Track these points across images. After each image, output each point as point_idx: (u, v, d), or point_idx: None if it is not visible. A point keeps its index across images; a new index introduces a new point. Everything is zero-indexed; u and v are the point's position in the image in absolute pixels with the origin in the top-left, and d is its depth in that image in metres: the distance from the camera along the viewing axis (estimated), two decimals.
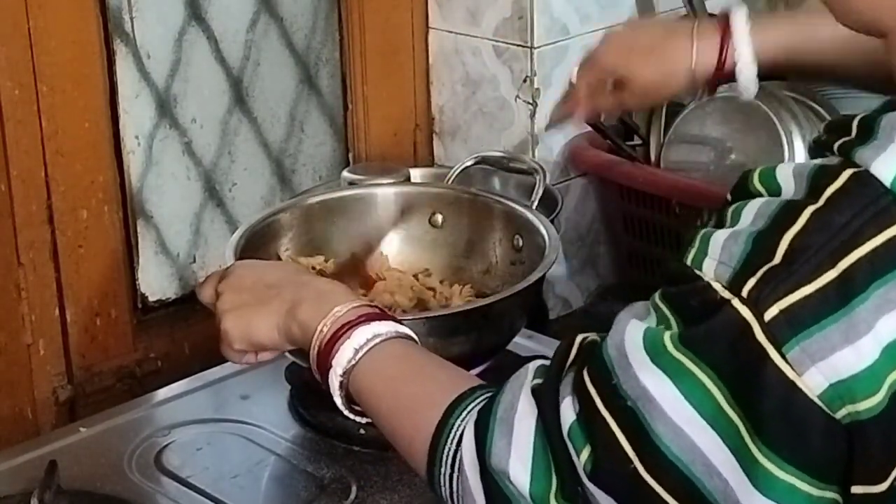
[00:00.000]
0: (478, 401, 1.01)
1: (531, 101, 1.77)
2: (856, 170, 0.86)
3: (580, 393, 0.93)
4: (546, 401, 0.95)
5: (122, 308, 1.60)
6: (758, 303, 0.85)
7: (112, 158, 1.57)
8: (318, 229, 1.59)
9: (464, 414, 1.00)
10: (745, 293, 0.86)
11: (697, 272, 0.89)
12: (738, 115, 1.67)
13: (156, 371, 1.63)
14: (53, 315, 1.54)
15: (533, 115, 1.77)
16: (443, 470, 1.00)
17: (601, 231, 1.88)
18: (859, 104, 1.73)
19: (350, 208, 1.60)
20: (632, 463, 0.90)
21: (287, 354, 1.44)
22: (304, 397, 1.49)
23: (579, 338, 0.99)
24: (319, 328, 1.10)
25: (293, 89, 1.77)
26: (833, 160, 0.89)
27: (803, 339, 0.84)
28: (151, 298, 1.67)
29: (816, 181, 0.87)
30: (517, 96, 1.78)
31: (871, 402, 0.84)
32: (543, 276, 1.40)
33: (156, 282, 1.67)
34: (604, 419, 0.91)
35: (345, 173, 1.69)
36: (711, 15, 1.47)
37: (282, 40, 1.74)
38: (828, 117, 1.69)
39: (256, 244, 1.51)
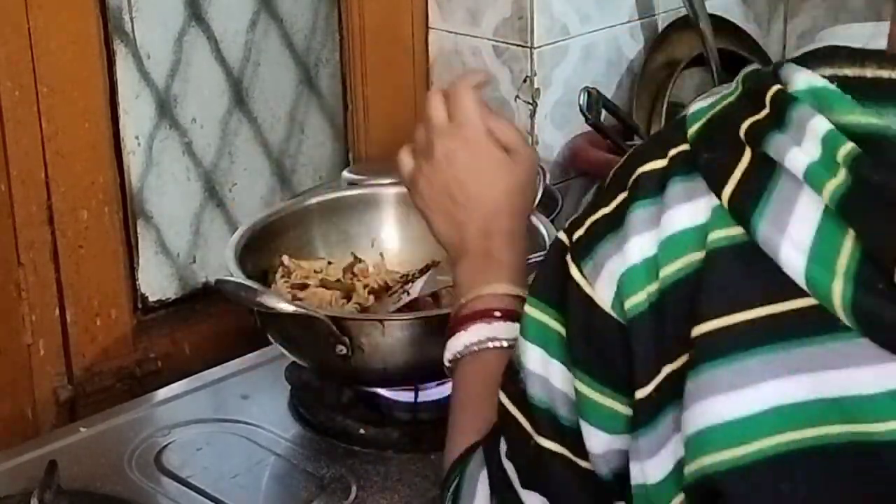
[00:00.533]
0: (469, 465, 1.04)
1: (531, 101, 1.77)
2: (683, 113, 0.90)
3: (499, 403, 0.97)
4: (489, 451, 0.99)
5: (122, 308, 1.60)
6: (569, 228, 0.91)
7: (112, 159, 1.57)
8: (319, 229, 1.60)
9: (453, 476, 1.05)
10: (566, 225, 0.91)
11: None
12: None
13: (156, 371, 1.63)
14: (53, 315, 1.54)
15: (533, 115, 1.77)
16: None
17: None
18: None
19: (350, 208, 1.61)
20: (532, 437, 0.92)
21: (287, 354, 1.45)
22: (304, 397, 1.49)
23: None
24: (463, 298, 1.17)
25: (293, 90, 1.77)
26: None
27: (595, 253, 0.87)
28: (151, 298, 1.67)
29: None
30: (517, 96, 1.78)
31: (636, 300, 0.85)
32: None
33: (156, 282, 1.67)
34: (511, 414, 0.94)
35: (345, 173, 1.69)
36: None
37: (282, 40, 1.74)
38: None
39: (256, 244, 1.51)
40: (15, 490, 1.31)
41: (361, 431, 1.43)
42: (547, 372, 0.91)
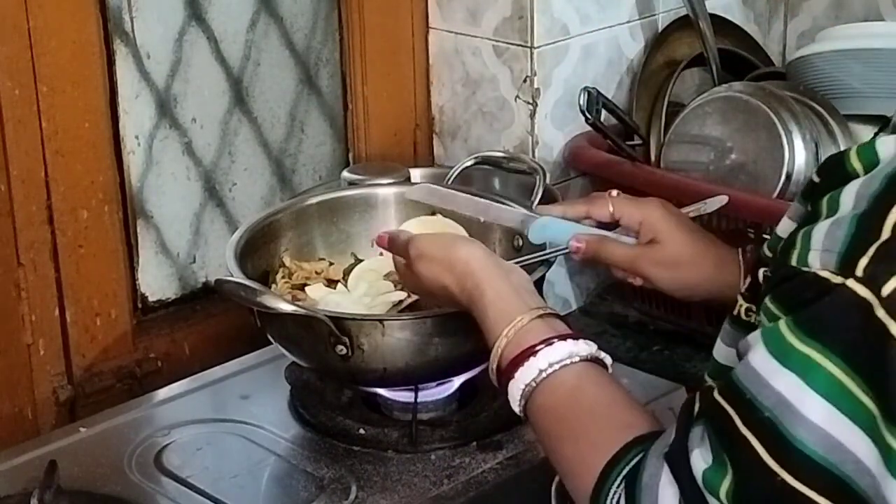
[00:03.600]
0: (630, 465, 1.01)
1: (531, 101, 1.77)
2: None
3: (716, 418, 0.93)
4: (677, 461, 0.95)
5: (122, 308, 1.60)
6: (873, 280, 0.83)
7: (112, 158, 1.57)
8: (319, 229, 1.60)
9: (616, 482, 1.00)
10: (859, 272, 0.84)
11: (804, 268, 0.88)
12: (738, 115, 1.67)
13: (156, 371, 1.63)
14: (53, 315, 1.54)
15: (533, 115, 1.77)
16: None
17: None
18: (860, 104, 1.74)
19: (350, 208, 1.61)
20: (778, 476, 0.88)
21: (287, 354, 1.45)
22: (304, 397, 1.49)
23: (701, 390, 0.99)
24: (501, 337, 1.14)
25: (293, 89, 1.77)
26: None
27: None
28: (151, 298, 1.67)
29: None
30: (517, 96, 1.78)
31: None
32: (544, 276, 1.40)
33: (156, 282, 1.67)
34: (744, 438, 0.90)
35: (345, 173, 1.69)
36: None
37: (282, 40, 1.74)
38: (827, 117, 1.69)
39: (256, 244, 1.51)
40: (15, 490, 1.31)
41: (361, 431, 1.43)
42: (835, 429, 0.86)
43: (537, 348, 1.10)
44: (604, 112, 1.69)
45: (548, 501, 1.28)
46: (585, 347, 1.11)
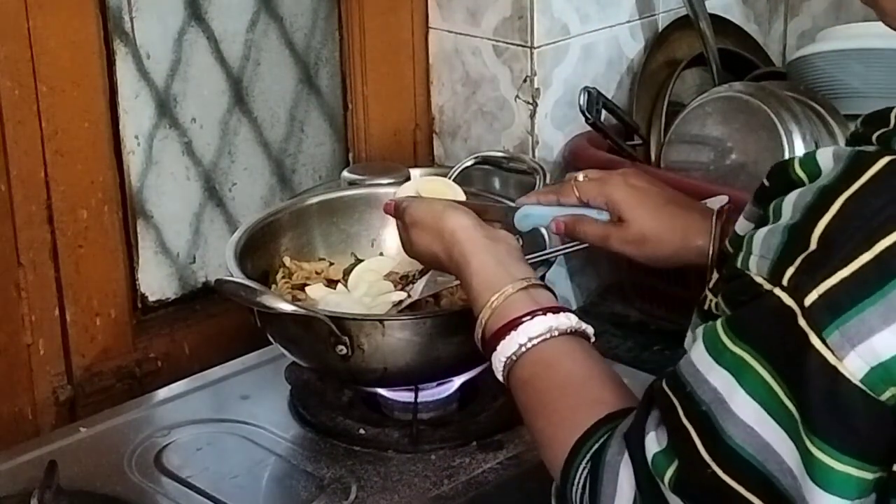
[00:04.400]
0: (599, 443, 1.02)
1: (531, 101, 1.77)
2: (893, 157, 0.87)
3: (664, 408, 0.95)
4: (633, 442, 0.97)
5: (122, 308, 1.60)
6: (797, 289, 0.86)
7: (112, 158, 1.57)
8: (319, 229, 1.60)
9: (584, 459, 1.02)
10: (785, 281, 0.87)
11: (746, 271, 0.90)
12: (738, 115, 1.67)
13: (156, 371, 1.63)
14: (53, 315, 1.54)
15: (533, 115, 1.77)
16: None
17: None
18: (860, 104, 1.74)
19: (350, 208, 1.61)
20: (709, 467, 0.91)
21: (287, 354, 1.45)
22: (304, 397, 1.49)
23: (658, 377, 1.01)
24: (485, 308, 1.16)
25: (293, 89, 1.77)
26: (870, 149, 0.90)
27: (842, 322, 0.84)
28: (151, 298, 1.67)
29: (853, 165, 0.88)
30: (517, 96, 1.78)
31: None
32: (544, 275, 1.40)
33: (156, 282, 1.67)
34: (686, 429, 0.93)
35: (345, 173, 1.69)
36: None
37: (282, 40, 1.74)
38: (827, 117, 1.69)
39: (256, 244, 1.51)
40: (15, 490, 1.31)
41: (361, 431, 1.43)
42: (763, 429, 0.89)
43: (518, 322, 1.12)
44: (604, 112, 1.69)
45: (548, 501, 1.28)
46: (566, 321, 1.13)
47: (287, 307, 1.34)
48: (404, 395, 1.45)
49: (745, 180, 1.65)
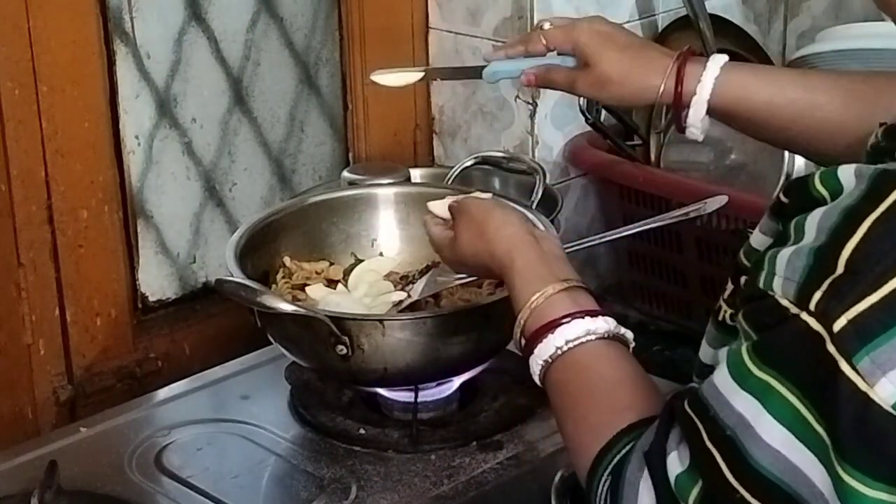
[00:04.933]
0: (619, 456, 1.01)
1: (531, 101, 1.77)
2: None
3: (687, 428, 0.94)
4: (654, 462, 0.96)
5: (122, 308, 1.60)
6: (825, 314, 0.85)
7: (112, 158, 1.57)
8: (318, 229, 1.59)
9: (606, 471, 1.01)
10: (812, 306, 0.85)
11: (769, 292, 0.89)
12: None
13: (156, 371, 1.63)
14: (53, 315, 1.54)
15: (533, 115, 1.77)
16: None
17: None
18: None
19: (350, 208, 1.60)
20: (738, 492, 0.90)
21: (287, 354, 1.45)
22: (304, 397, 1.49)
23: (677, 394, 1.00)
24: (525, 308, 1.14)
25: (293, 89, 1.77)
26: (894, 166, 0.88)
27: (872, 349, 0.83)
28: (151, 298, 1.67)
29: (877, 185, 0.87)
30: (517, 96, 1.78)
31: None
32: None
33: (156, 282, 1.67)
34: (710, 451, 0.92)
35: (345, 173, 1.69)
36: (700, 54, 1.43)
37: (282, 40, 1.74)
38: None
39: (256, 244, 1.51)
40: (15, 490, 1.30)
41: (361, 431, 1.43)
42: (791, 453, 0.88)
43: (556, 324, 1.11)
44: (604, 112, 1.69)
45: (548, 501, 1.28)
46: (604, 325, 1.11)
47: (287, 307, 1.34)
48: (404, 395, 1.45)
49: (744, 180, 1.65)
